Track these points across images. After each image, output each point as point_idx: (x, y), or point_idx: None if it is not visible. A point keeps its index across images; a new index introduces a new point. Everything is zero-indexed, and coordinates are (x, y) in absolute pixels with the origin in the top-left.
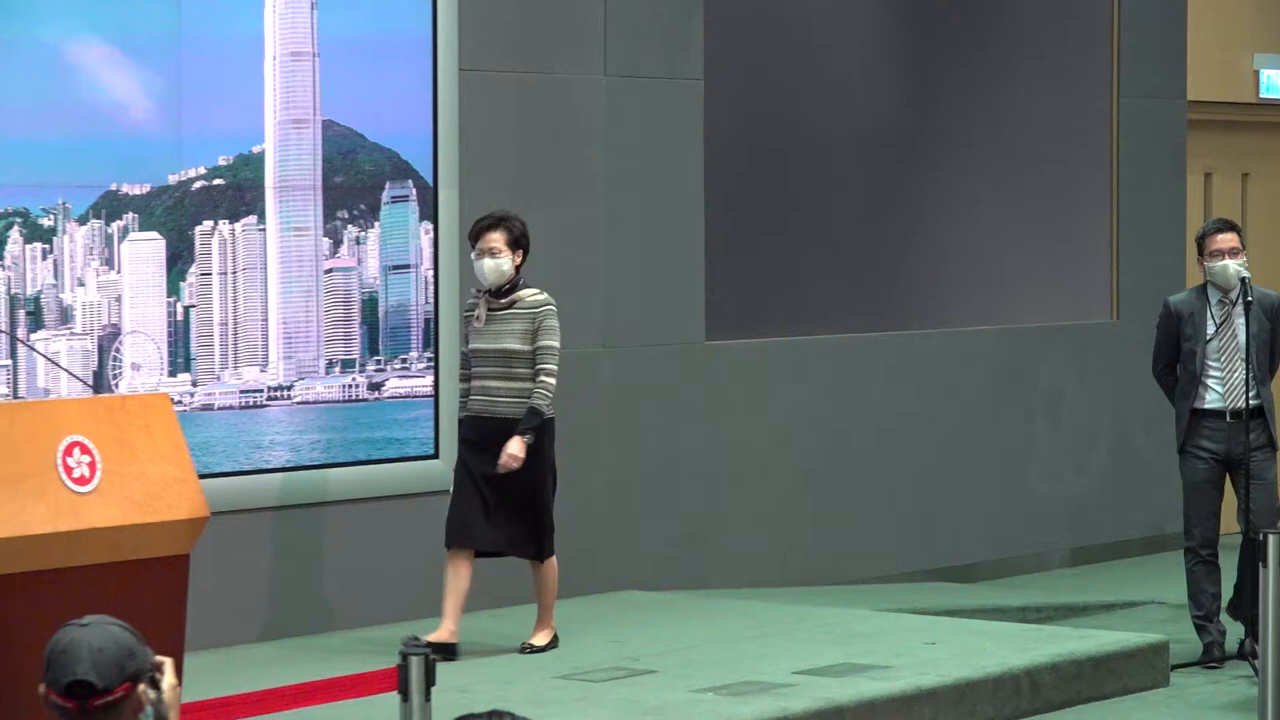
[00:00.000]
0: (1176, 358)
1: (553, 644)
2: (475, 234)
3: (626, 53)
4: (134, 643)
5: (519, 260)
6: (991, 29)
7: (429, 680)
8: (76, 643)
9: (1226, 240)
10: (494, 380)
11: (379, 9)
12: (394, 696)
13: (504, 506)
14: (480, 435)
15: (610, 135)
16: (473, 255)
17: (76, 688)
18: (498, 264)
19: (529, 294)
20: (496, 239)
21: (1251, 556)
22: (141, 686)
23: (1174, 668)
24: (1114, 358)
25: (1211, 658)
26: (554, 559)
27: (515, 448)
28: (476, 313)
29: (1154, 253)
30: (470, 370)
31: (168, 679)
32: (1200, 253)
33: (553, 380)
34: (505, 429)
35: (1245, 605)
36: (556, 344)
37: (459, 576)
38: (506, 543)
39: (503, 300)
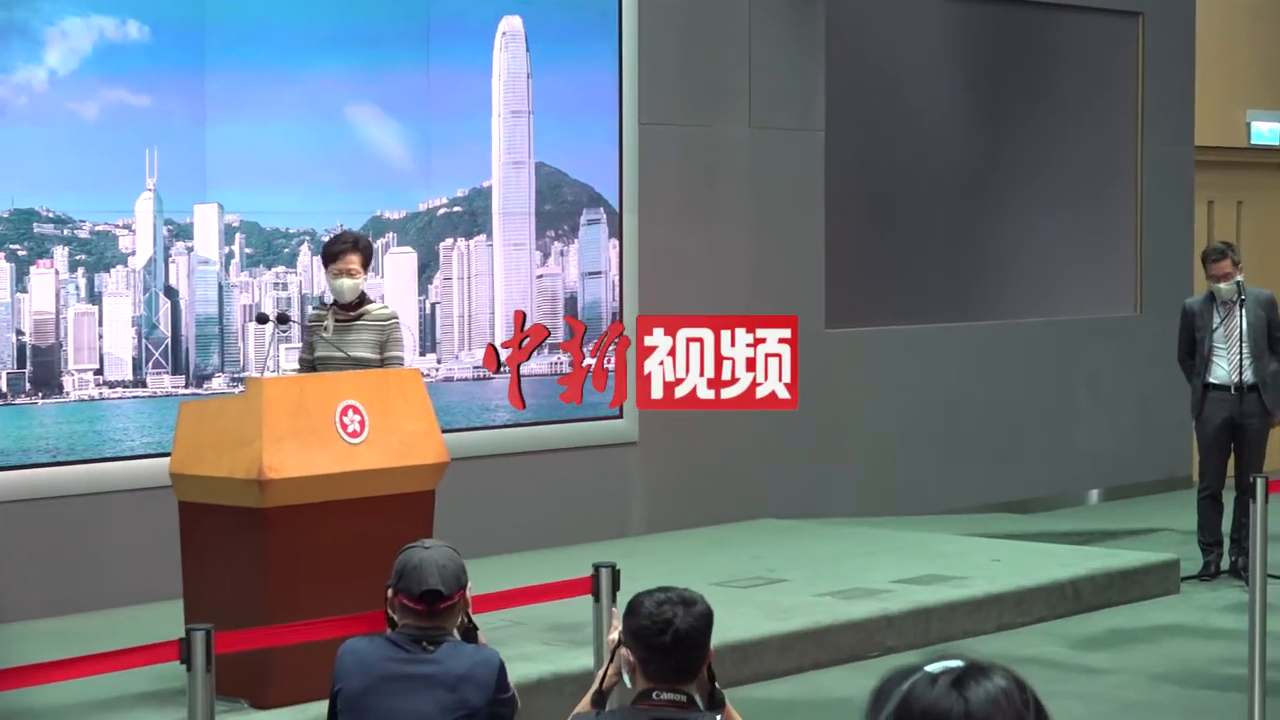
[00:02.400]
0: (1193, 346)
1: None
2: (334, 254)
3: (765, 110)
4: (460, 559)
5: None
6: (1045, 94)
7: (615, 587)
8: (426, 560)
9: (1222, 267)
10: None
11: (578, 78)
12: (587, 599)
13: None
14: None
15: (753, 174)
16: (328, 273)
17: (428, 595)
18: (356, 283)
19: (375, 308)
20: (354, 260)
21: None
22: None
23: (1183, 579)
24: (1138, 343)
25: (1208, 571)
26: None
27: None
28: (325, 324)
29: (1169, 262)
30: None
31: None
32: (1205, 268)
33: None
34: None
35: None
36: (404, 355)
37: None
38: None
39: (352, 313)
